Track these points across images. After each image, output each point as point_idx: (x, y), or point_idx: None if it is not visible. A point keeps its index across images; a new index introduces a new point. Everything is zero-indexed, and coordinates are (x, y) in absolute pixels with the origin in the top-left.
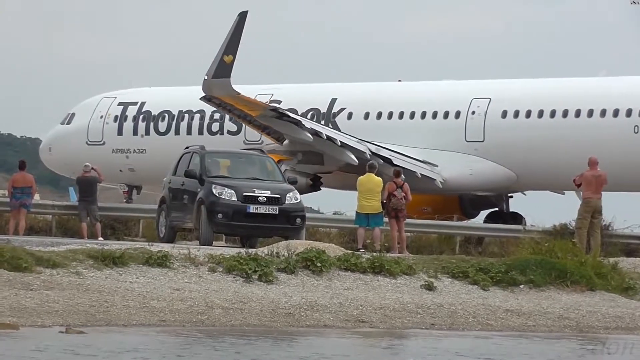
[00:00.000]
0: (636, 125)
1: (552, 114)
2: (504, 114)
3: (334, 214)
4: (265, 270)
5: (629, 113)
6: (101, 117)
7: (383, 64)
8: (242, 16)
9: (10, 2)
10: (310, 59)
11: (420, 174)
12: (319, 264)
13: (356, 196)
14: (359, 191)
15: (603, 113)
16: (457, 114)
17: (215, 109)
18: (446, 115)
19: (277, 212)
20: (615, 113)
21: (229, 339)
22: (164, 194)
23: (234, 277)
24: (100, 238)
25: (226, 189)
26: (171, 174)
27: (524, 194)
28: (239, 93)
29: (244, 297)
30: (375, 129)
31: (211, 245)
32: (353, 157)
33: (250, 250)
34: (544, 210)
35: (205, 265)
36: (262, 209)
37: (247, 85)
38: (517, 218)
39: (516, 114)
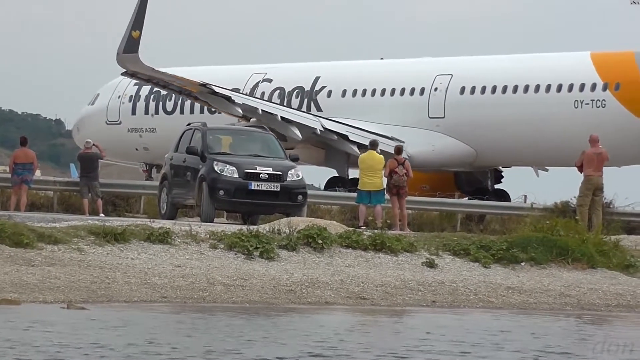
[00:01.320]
0: (576, 100)
1: (504, 90)
2: (462, 91)
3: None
4: (266, 247)
5: (570, 88)
6: (118, 97)
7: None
8: None
9: None
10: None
11: (380, 150)
12: (320, 241)
13: (358, 173)
14: (360, 168)
15: (548, 88)
16: (422, 91)
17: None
18: (412, 92)
19: (278, 189)
20: (559, 88)
21: (229, 315)
22: (165, 171)
23: (235, 254)
24: (102, 214)
25: (228, 165)
26: (173, 151)
27: (546, 170)
28: (152, 68)
29: (245, 274)
30: (350, 106)
31: (212, 222)
32: (297, 132)
33: (251, 227)
34: (547, 187)
35: (207, 242)
36: (264, 186)
37: (245, 65)
38: (502, 195)
39: (473, 90)
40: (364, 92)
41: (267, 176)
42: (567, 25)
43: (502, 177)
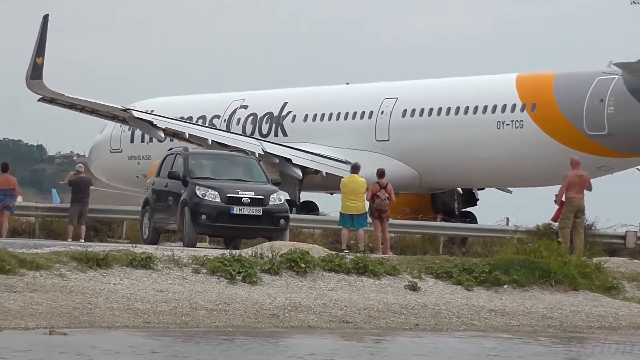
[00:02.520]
0: (498, 121)
1: (438, 112)
2: (404, 113)
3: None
4: (249, 272)
5: (493, 110)
6: (120, 125)
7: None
8: (45, 19)
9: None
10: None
11: (326, 173)
12: (303, 265)
13: (340, 197)
14: (342, 192)
15: (475, 110)
16: (370, 114)
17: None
18: (362, 115)
19: (260, 213)
20: (484, 110)
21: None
22: (147, 196)
23: (218, 279)
24: (82, 240)
25: (210, 190)
26: (155, 176)
27: (509, 192)
28: (61, 94)
29: (228, 298)
30: (311, 131)
31: (195, 246)
32: None
33: (234, 251)
34: (526, 209)
35: (189, 266)
36: (246, 210)
37: (227, 93)
38: (469, 217)
39: (413, 112)
40: (322, 116)
41: (249, 200)
42: (567, 26)
43: (477, 199)
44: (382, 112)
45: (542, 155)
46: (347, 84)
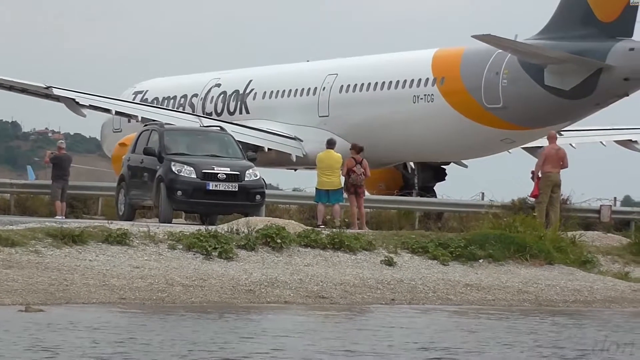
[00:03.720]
0: (414, 95)
1: (367, 87)
2: (341, 89)
3: (294, 190)
4: (225, 247)
5: (410, 84)
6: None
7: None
8: None
9: None
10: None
11: (268, 149)
12: (279, 241)
13: (316, 173)
14: (318, 167)
15: (397, 85)
16: (314, 91)
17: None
18: (308, 92)
19: (236, 189)
20: (403, 84)
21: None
22: (123, 172)
23: (194, 255)
24: (63, 217)
25: (185, 166)
26: (130, 152)
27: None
28: None
29: (204, 274)
30: (266, 108)
31: (171, 222)
32: None
33: (210, 227)
34: (501, 185)
35: (165, 242)
36: (222, 186)
37: (207, 73)
38: (430, 193)
39: (347, 88)
40: (277, 93)
41: (224, 176)
42: None
43: (445, 174)
44: (324, 89)
45: (450, 128)
46: (308, 61)
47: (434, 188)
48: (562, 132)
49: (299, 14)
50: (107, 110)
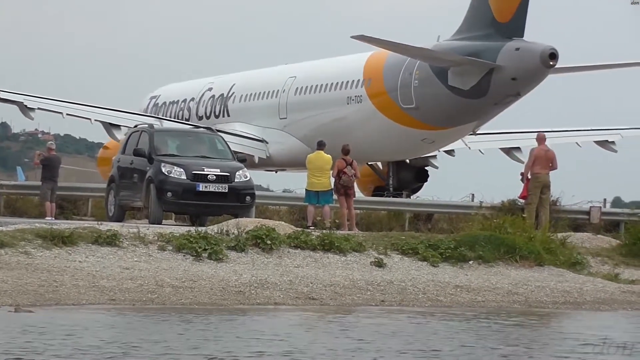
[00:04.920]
0: (348, 97)
1: (315, 89)
2: (296, 92)
3: (284, 191)
4: (215, 249)
5: (345, 86)
6: (142, 109)
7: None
8: None
9: None
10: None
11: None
12: (268, 242)
13: (306, 174)
14: (308, 169)
15: (336, 86)
16: (277, 93)
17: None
18: (271, 95)
19: (226, 190)
20: (341, 86)
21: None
22: (112, 173)
23: (184, 256)
24: (53, 218)
25: (175, 167)
26: (120, 153)
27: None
28: None
29: (194, 276)
30: (242, 110)
31: (161, 223)
32: (116, 135)
33: (200, 228)
34: (492, 186)
35: (155, 243)
36: (212, 187)
37: (205, 78)
38: (405, 193)
39: (301, 91)
40: (251, 96)
41: (214, 177)
42: (567, 26)
43: (427, 176)
44: (284, 91)
45: (375, 129)
46: (286, 64)
47: (417, 189)
48: (476, 132)
49: (315, 14)
50: (60, 113)
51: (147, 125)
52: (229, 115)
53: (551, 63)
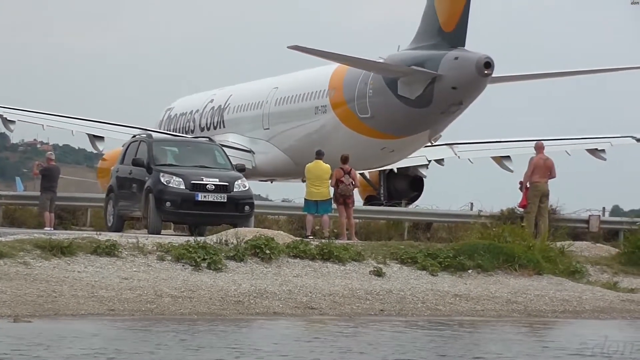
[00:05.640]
0: (316, 107)
1: (290, 100)
2: (276, 102)
3: (283, 201)
4: (214, 258)
5: (313, 96)
6: (158, 122)
7: None
8: None
9: None
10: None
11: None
12: (267, 252)
13: (305, 183)
14: (307, 178)
15: (306, 97)
16: (261, 104)
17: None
18: (258, 106)
19: (225, 200)
20: (310, 97)
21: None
22: (111, 183)
23: (183, 266)
24: (52, 228)
25: (174, 177)
26: (119, 163)
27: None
28: None
29: (193, 286)
30: (233, 121)
31: (159, 233)
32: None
33: (198, 238)
34: (490, 195)
35: (154, 253)
36: (211, 197)
37: (211, 91)
38: (396, 203)
39: (280, 102)
40: (242, 107)
41: (213, 187)
42: (566, 26)
43: (423, 185)
44: (267, 102)
45: (338, 139)
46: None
47: (414, 198)
48: (434, 142)
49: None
50: (40, 125)
51: (145, 135)
52: (224, 127)
53: (486, 72)
